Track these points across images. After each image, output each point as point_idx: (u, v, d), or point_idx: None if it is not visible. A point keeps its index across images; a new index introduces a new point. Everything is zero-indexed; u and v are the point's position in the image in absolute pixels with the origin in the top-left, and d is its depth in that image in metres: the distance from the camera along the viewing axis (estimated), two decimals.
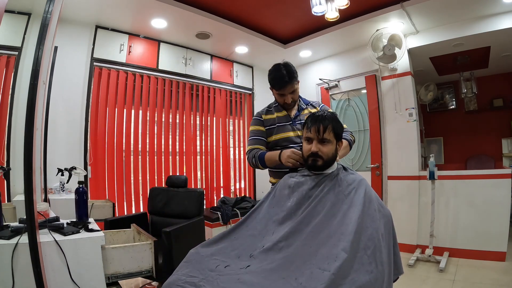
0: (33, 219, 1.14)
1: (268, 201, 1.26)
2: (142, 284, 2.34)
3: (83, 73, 2.83)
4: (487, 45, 3.31)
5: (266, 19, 3.16)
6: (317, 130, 1.17)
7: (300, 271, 0.90)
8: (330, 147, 1.17)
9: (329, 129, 1.17)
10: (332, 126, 1.18)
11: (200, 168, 3.75)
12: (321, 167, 1.18)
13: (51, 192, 2.36)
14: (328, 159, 1.17)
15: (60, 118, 2.65)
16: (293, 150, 1.32)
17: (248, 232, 1.17)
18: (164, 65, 3.37)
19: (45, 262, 1.22)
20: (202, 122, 3.78)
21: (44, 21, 1.21)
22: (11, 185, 2.27)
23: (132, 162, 3.15)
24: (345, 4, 2.41)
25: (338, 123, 1.22)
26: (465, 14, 2.89)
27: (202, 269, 1.04)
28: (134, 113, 3.20)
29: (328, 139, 1.17)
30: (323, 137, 1.16)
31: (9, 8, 2.35)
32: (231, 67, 4.08)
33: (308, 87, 4.23)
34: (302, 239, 1.01)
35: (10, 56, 2.39)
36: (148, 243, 1.53)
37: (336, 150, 1.19)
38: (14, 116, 2.36)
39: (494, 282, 2.28)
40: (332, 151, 1.18)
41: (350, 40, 3.51)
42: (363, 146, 3.67)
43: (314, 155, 1.17)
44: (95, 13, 2.75)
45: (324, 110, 1.31)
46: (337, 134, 1.20)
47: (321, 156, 1.16)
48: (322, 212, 1.04)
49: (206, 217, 3.09)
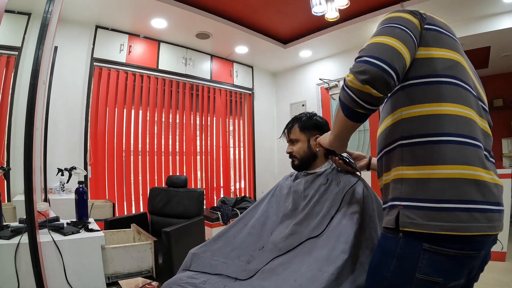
0: (33, 219, 1.14)
1: (267, 200, 1.27)
2: (142, 284, 2.34)
3: (83, 73, 2.83)
4: (487, 45, 3.31)
5: (266, 19, 3.16)
6: (285, 133, 1.26)
7: (299, 273, 0.90)
8: (299, 145, 1.20)
9: (294, 128, 1.22)
10: (298, 125, 1.21)
11: (200, 168, 3.75)
12: (300, 166, 1.21)
13: (51, 192, 2.36)
14: (301, 157, 1.20)
15: (60, 118, 2.65)
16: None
17: (247, 230, 1.18)
18: (164, 65, 3.37)
19: (45, 262, 1.22)
20: (202, 122, 3.78)
21: (44, 21, 1.21)
22: (11, 185, 2.27)
23: (132, 162, 3.15)
24: (345, 4, 2.41)
25: (308, 121, 1.21)
26: (465, 14, 2.89)
27: (203, 270, 1.04)
28: (134, 113, 3.20)
29: (295, 139, 1.21)
30: (290, 138, 1.23)
31: (9, 8, 2.35)
32: (231, 67, 4.08)
33: (308, 87, 4.23)
34: (301, 241, 1.02)
35: (10, 56, 2.39)
36: (148, 243, 1.53)
37: (309, 147, 1.19)
38: (14, 116, 2.36)
39: (494, 282, 2.28)
40: (304, 149, 1.19)
41: (350, 40, 3.51)
42: (363, 146, 3.67)
43: (290, 155, 1.23)
44: (95, 13, 2.75)
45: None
46: (306, 131, 1.19)
47: (295, 155, 1.21)
48: (320, 213, 1.04)
49: (206, 217, 3.09)
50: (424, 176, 0.65)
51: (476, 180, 0.63)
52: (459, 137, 0.65)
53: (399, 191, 0.68)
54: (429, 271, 0.62)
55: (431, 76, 0.69)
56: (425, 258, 0.62)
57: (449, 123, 0.66)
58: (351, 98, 0.66)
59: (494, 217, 0.62)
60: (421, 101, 0.69)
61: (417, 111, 0.69)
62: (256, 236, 1.14)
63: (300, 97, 4.35)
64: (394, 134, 0.73)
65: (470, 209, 0.61)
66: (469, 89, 0.71)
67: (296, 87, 4.44)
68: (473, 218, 0.60)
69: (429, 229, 0.61)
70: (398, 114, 0.72)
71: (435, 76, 0.69)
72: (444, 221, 0.61)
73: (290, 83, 4.54)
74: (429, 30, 0.73)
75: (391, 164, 0.73)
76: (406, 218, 0.64)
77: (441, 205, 0.61)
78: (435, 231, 0.61)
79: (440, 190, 0.62)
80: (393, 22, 0.70)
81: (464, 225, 0.60)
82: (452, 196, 0.61)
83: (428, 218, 0.62)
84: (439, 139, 0.65)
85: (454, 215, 0.61)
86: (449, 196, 0.62)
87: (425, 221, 0.62)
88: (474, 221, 0.60)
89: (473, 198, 0.61)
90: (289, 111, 4.46)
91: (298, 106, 4.36)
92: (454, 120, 0.66)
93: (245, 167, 4.26)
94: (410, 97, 0.70)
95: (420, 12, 0.75)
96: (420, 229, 0.62)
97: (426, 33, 0.72)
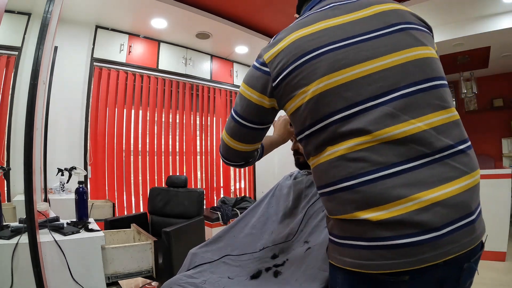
0: (33, 219, 1.14)
1: (268, 199, 1.27)
2: (142, 284, 2.34)
3: (83, 73, 2.83)
4: (487, 45, 3.31)
5: (266, 19, 3.16)
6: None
7: (300, 272, 0.90)
8: None
9: None
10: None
11: (200, 168, 3.75)
12: (305, 163, 1.15)
13: (51, 192, 2.36)
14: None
15: (60, 118, 2.65)
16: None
17: (247, 230, 1.18)
18: (164, 65, 3.37)
19: (45, 262, 1.22)
20: (202, 122, 3.78)
21: (44, 21, 1.21)
22: (11, 185, 2.27)
23: (132, 162, 3.15)
24: None
25: None
26: (465, 14, 2.89)
27: (203, 271, 1.04)
28: (134, 113, 3.20)
29: None
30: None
31: (9, 8, 2.35)
32: (231, 67, 4.08)
33: None
34: (302, 241, 1.02)
35: (10, 56, 2.39)
36: (148, 243, 1.53)
37: None
38: (14, 116, 2.36)
39: (494, 282, 2.28)
40: None
41: None
42: None
43: (295, 152, 1.18)
44: (95, 13, 2.75)
45: None
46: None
47: (301, 153, 1.15)
48: (320, 213, 1.04)
49: (206, 217, 3.09)
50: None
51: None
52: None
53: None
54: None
55: (306, 129, 0.67)
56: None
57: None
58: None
59: (419, 249, 0.52)
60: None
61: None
62: (256, 236, 1.14)
63: None
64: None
65: (372, 246, 0.55)
66: (356, 108, 0.66)
67: None
68: (376, 255, 0.54)
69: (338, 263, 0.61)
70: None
71: (311, 126, 0.66)
72: (347, 256, 0.58)
73: None
74: (283, 81, 0.65)
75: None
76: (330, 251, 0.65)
77: (344, 241, 0.59)
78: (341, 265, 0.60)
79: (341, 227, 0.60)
80: (234, 109, 0.74)
81: (364, 262, 0.55)
82: (352, 233, 0.58)
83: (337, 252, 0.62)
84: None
85: (355, 252, 0.57)
86: (350, 232, 0.58)
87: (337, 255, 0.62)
88: (378, 259, 0.54)
89: (375, 235, 0.54)
90: None
91: None
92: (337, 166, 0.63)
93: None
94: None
95: (263, 70, 0.67)
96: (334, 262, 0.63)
97: (281, 87, 0.66)
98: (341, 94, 0.58)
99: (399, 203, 0.53)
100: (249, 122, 0.72)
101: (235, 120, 0.73)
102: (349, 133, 0.57)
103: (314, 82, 0.60)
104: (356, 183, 0.55)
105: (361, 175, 0.55)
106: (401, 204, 0.53)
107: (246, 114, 0.71)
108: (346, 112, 0.58)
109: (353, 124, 0.57)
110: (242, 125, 0.72)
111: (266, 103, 0.69)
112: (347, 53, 0.59)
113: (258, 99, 0.69)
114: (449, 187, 0.54)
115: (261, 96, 0.68)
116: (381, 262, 0.53)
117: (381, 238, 0.53)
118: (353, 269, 0.57)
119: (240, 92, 0.73)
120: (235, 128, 0.74)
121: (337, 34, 0.61)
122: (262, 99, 0.68)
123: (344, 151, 0.57)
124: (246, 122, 0.72)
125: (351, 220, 0.57)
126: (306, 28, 0.64)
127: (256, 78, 0.68)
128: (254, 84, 0.69)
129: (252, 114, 0.71)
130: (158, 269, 1.56)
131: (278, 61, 0.64)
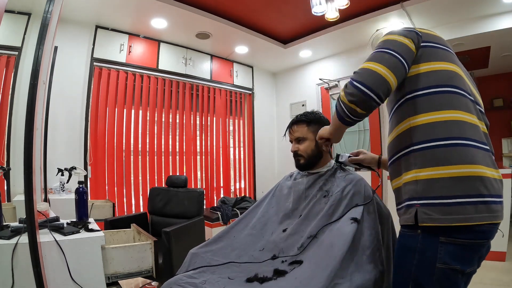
0: (33, 219, 1.14)
1: (268, 200, 1.27)
2: (142, 284, 2.34)
3: (83, 73, 2.83)
4: (487, 45, 3.31)
5: (266, 19, 3.16)
6: (290, 131, 1.23)
7: (300, 271, 0.90)
8: (307, 143, 1.18)
9: (300, 126, 1.19)
10: (306, 123, 1.19)
11: (200, 168, 3.75)
12: (306, 165, 1.19)
13: (51, 192, 2.36)
14: (309, 156, 1.18)
15: (60, 118, 2.65)
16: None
17: (247, 231, 1.18)
18: (164, 65, 3.37)
19: (45, 262, 1.21)
20: (202, 122, 3.78)
21: (44, 21, 1.21)
22: (11, 185, 2.27)
23: (132, 162, 3.15)
24: (345, 4, 2.41)
25: (316, 120, 1.20)
26: (465, 14, 2.89)
27: (203, 271, 1.04)
28: (134, 113, 3.20)
29: (302, 137, 1.19)
30: (296, 136, 1.21)
31: (9, 8, 2.35)
32: (231, 67, 4.08)
33: (308, 87, 4.23)
34: (301, 241, 1.02)
35: (10, 56, 2.39)
36: (148, 243, 1.53)
37: (316, 146, 1.17)
38: (14, 116, 2.36)
39: (494, 282, 2.28)
40: (311, 147, 1.18)
41: (350, 40, 3.51)
42: (363, 146, 3.67)
43: (295, 154, 1.21)
44: (95, 13, 2.75)
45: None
46: (314, 129, 1.17)
47: (301, 154, 1.19)
48: (320, 213, 1.05)
49: (206, 217, 3.08)
50: (435, 176, 0.73)
51: (480, 177, 0.71)
52: (464, 140, 0.74)
53: (414, 191, 0.76)
54: (447, 260, 0.71)
55: (433, 87, 0.80)
56: (442, 249, 0.71)
57: (453, 128, 0.75)
58: (342, 109, 0.82)
59: (496, 208, 0.71)
60: (426, 110, 0.79)
61: (424, 119, 0.78)
62: (256, 236, 1.14)
63: (300, 97, 4.34)
64: (404, 141, 0.82)
65: (476, 202, 0.69)
66: (468, 96, 0.81)
67: (296, 87, 4.44)
68: (478, 210, 0.69)
69: (443, 222, 0.70)
70: (407, 123, 0.82)
71: (436, 86, 0.80)
72: (454, 214, 0.70)
73: (290, 83, 4.54)
74: (426, 47, 0.84)
75: (403, 169, 0.81)
76: (424, 215, 0.73)
77: (451, 200, 0.70)
78: (448, 224, 0.70)
79: (449, 187, 0.71)
80: (385, 47, 0.81)
81: (471, 216, 0.69)
82: (459, 192, 0.70)
83: (442, 212, 0.71)
84: (446, 143, 0.74)
85: (462, 208, 0.69)
86: (457, 192, 0.70)
87: (440, 216, 0.71)
88: (479, 212, 0.69)
89: (477, 192, 0.70)
90: (289, 111, 4.46)
91: (298, 106, 4.36)
92: (457, 125, 0.75)
93: (245, 167, 4.26)
94: (416, 108, 0.80)
95: (416, 31, 0.85)
96: (436, 223, 0.71)
97: (423, 50, 0.83)
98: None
99: (491, 170, 0.75)
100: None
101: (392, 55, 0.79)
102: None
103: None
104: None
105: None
106: (492, 171, 0.75)
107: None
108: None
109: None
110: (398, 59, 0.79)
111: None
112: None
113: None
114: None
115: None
116: (481, 215, 0.70)
117: (482, 195, 0.70)
118: (461, 223, 0.69)
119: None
120: (390, 59, 0.79)
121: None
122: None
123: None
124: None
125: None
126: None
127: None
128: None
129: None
130: (158, 269, 1.56)
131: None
